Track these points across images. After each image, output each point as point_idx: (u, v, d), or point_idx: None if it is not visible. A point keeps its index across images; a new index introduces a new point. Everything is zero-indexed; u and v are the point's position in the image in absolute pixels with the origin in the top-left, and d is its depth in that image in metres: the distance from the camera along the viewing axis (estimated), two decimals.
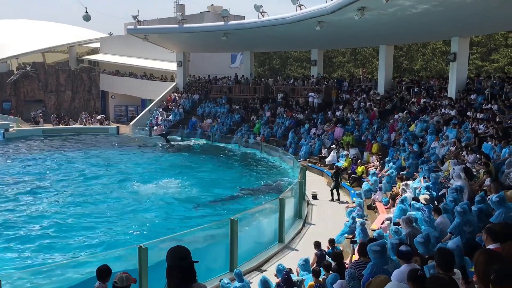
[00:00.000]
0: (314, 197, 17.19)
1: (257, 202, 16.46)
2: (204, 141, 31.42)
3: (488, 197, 8.84)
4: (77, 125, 38.76)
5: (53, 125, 38.70)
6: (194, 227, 12.36)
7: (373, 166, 18.81)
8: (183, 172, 22.63)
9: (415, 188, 13.17)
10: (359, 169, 18.85)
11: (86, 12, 34.39)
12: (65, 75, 47.28)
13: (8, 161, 24.48)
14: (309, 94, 30.18)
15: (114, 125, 38.43)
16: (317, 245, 9.98)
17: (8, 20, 56.29)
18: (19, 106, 45.67)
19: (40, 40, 48.56)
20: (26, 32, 49.62)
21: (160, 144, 30.72)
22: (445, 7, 17.67)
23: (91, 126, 38.35)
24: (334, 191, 17.11)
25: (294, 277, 8.59)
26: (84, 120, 39.78)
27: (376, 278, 4.46)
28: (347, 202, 16.64)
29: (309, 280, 8.27)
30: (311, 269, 8.59)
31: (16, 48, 46.86)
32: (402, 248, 5.71)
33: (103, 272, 6.23)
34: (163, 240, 10.53)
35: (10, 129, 34.42)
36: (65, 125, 38.42)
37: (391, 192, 14.93)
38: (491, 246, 4.66)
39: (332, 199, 17.02)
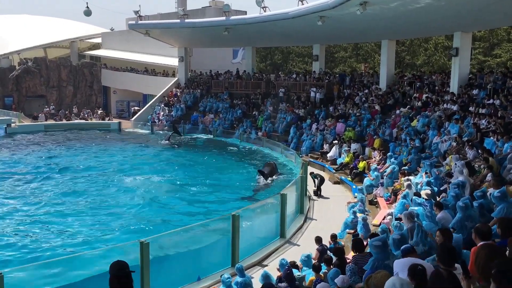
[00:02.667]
0: (315, 193, 17.12)
1: (259, 197, 16.47)
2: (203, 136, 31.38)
3: (489, 192, 8.83)
4: (78, 121, 38.76)
5: (56, 121, 38.74)
6: (195, 222, 12.39)
7: (375, 161, 18.80)
8: (184, 167, 22.68)
9: (417, 183, 13.17)
10: (361, 164, 18.83)
11: (87, 7, 34.30)
12: (66, 70, 47.25)
13: (8, 156, 24.54)
14: (311, 89, 30.15)
15: (116, 121, 38.43)
16: (318, 240, 10.00)
17: (10, 15, 56.23)
18: (21, 101, 45.66)
19: (41, 36, 48.54)
20: (28, 28, 49.57)
21: (162, 141, 30.42)
22: (447, 2, 17.60)
23: (92, 121, 38.38)
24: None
25: (297, 272, 8.61)
26: (86, 116, 39.82)
27: (376, 274, 4.46)
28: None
29: (311, 275, 8.29)
30: (312, 264, 8.60)
31: (18, 43, 46.86)
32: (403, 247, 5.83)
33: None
34: (165, 235, 10.57)
35: (12, 125, 34.51)
36: (67, 120, 38.45)
37: (392, 187, 14.94)
38: None
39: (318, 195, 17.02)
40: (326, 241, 10.22)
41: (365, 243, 8.50)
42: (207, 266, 10.37)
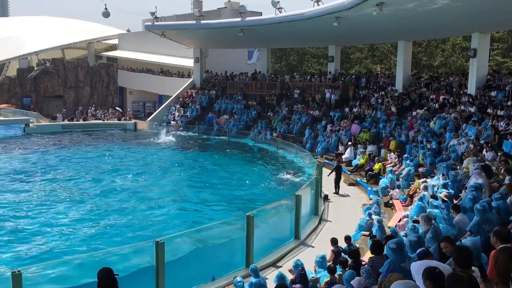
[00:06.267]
0: (326, 197, 16.92)
1: (273, 198, 16.44)
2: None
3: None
4: (95, 121, 39.14)
5: (75, 121, 39.17)
6: (210, 223, 12.42)
7: (391, 163, 18.65)
8: (198, 168, 22.75)
9: (433, 186, 13.02)
10: (376, 166, 18.70)
11: (106, 8, 34.67)
12: (84, 71, 47.86)
13: (26, 155, 24.88)
14: (326, 90, 30.03)
15: (132, 121, 38.74)
16: (334, 241, 9.94)
17: (29, 16, 57.20)
18: (39, 101, 46.37)
19: (59, 37, 49.21)
20: (46, 29, 50.32)
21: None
22: (465, 2, 17.39)
23: (109, 121, 38.73)
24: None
25: (311, 274, 8.58)
26: (102, 116, 40.22)
27: (389, 277, 4.40)
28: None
29: (325, 277, 8.25)
30: (327, 265, 8.57)
31: (36, 44, 47.57)
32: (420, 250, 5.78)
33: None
34: (180, 234, 10.62)
35: (30, 124, 34.99)
36: (83, 120, 38.86)
37: (408, 189, 14.80)
38: None
39: (336, 192, 17.29)
40: (341, 243, 10.16)
41: None
42: (221, 266, 10.39)
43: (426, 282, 4.04)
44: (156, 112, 38.78)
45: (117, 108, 42.66)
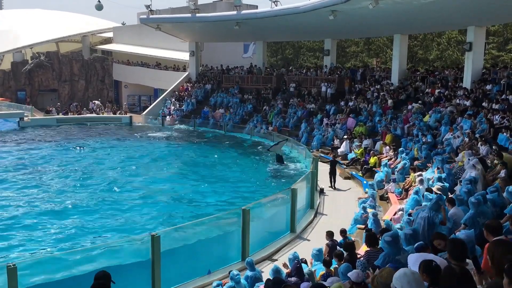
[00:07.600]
0: (322, 190, 16.95)
1: (269, 192, 16.46)
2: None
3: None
4: (90, 115, 38.94)
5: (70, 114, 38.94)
6: (206, 216, 12.42)
7: (386, 156, 18.69)
8: (193, 161, 22.73)
9: (428, 179, 13.08)
10: (372, 159, 18.74)
11: (99, 1, 34.42)
12: (78, 64, 47.57)
13: (24, 149, 24.77)
14: (322, 84, 30.01)
15: (127, 115, 38.60)
16: (330, 234, 9.96)
17: (23, 9, 56.71)
18: (34, 95, 46.09)
19: (53, 30, 48.85)
20: (40, 22, 49.93)
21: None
22: None
23: (104, 115, 38.57)
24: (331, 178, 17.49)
25: (306, 268, 8.60)
26: (97, 110, 40.02)
27: (381, 272, 4.41)
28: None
29: (321, 270, 8.28)
30: (323, 259, 8.59)
31: (30, 37, 47.21)
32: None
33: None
34: (176, 228, 10.63)
35: (25, 118, 34.81)
36: (78, 114, 38.67)
37: (404, 183, 14.85)
38: None
39: (332, 186, 17.34)
40: (336, 236, 10.18)
41: None
42: (217, 260, 10.41)
43: (423, 275, 4.06)
44: (152, 105, 38.67)
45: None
